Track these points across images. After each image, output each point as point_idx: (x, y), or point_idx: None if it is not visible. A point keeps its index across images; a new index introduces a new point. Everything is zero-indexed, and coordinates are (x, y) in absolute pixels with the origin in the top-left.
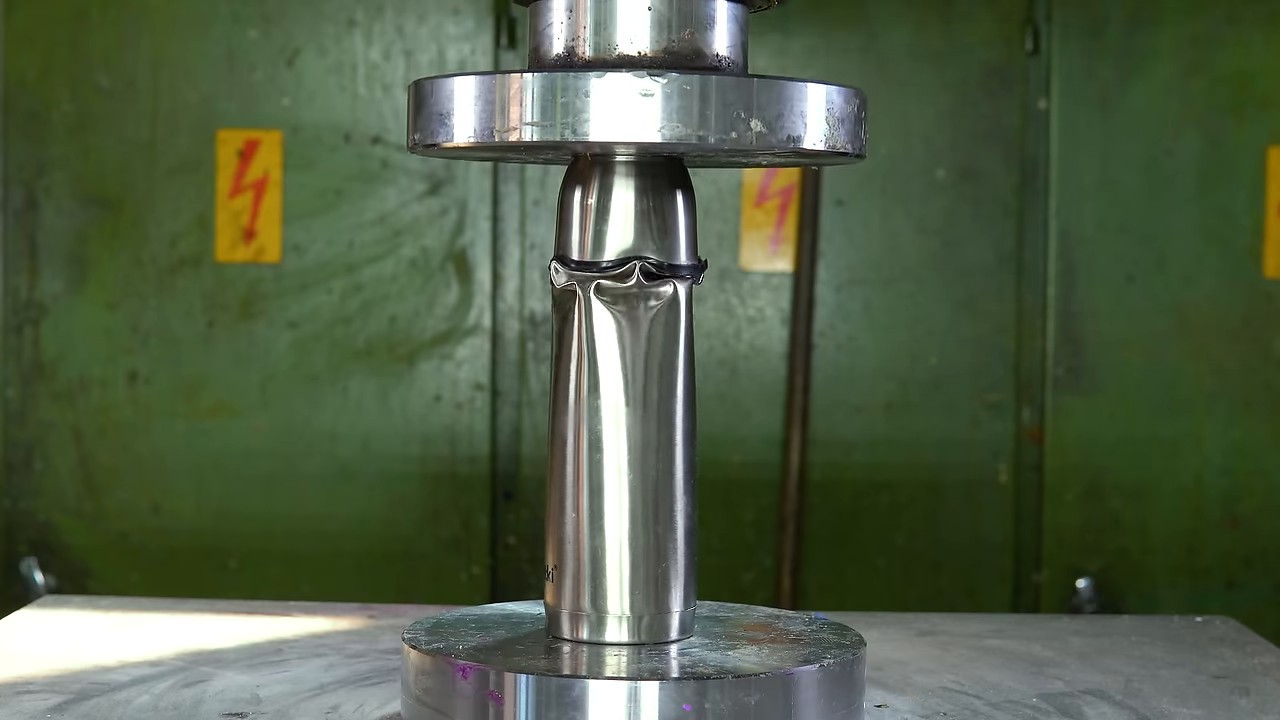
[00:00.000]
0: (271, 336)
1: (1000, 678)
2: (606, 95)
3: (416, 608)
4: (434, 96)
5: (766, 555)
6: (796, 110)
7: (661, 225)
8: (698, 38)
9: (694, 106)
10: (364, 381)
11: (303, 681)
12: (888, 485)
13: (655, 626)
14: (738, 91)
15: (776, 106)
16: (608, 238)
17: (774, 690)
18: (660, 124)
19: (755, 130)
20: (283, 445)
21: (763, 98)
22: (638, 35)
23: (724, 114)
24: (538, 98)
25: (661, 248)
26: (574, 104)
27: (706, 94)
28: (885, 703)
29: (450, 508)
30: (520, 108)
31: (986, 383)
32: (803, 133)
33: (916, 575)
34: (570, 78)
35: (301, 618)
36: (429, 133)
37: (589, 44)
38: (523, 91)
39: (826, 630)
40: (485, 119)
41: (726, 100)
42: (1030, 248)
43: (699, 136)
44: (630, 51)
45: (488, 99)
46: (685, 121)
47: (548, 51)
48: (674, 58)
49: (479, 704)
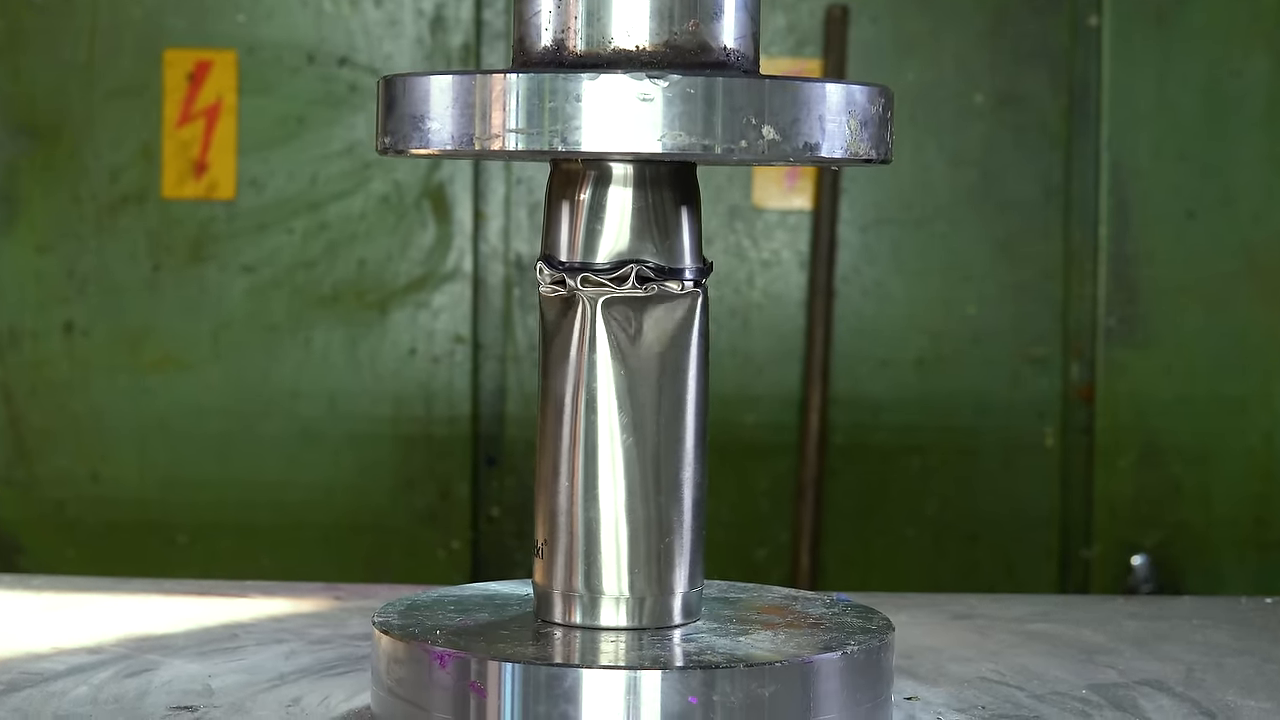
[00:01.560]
0: (225, 282)
1: (1045, 667)
2: (600, 100)
3: (388, 588)
4: (406, 97)
5: (782, 528)
6: (814, 115)
7: (662, 224)
8: (703, 29)
9: (698, 112)
10: (329, 332)
11: (260, 671)
12: (918, 449)
13: (657, 609)
14: (748, 95)
15: (792, 111)
16: (601, 238)
17: (791, 681)
18: (660, 133)
19: (768, 138)
20: (238, 404)
21: (776, 101)
22: (636, 27)
23: (732, 120)
24: (523, 102)
25: (662, 249)
26: (563, 109)
27: (712, 98)
28: (916, 694)
29: (426, 475)
30: (503, 112)
31: (1030, 334)
32: (820, 139)
33: (951, 551)
34: (560, 79)
35: (259, 599)
36: (401, 137)
37: (581, 36)
38: (506, 94)
39: (850, 613)
40: (463, 124)
41: (735, 105)
42: (1079, 181)
43: (704, 146)
44: (627, 46)
45: (466, 102)
46: (689, 129)
47: (534, 43)
48: (676, 53)
49: (459, 696)
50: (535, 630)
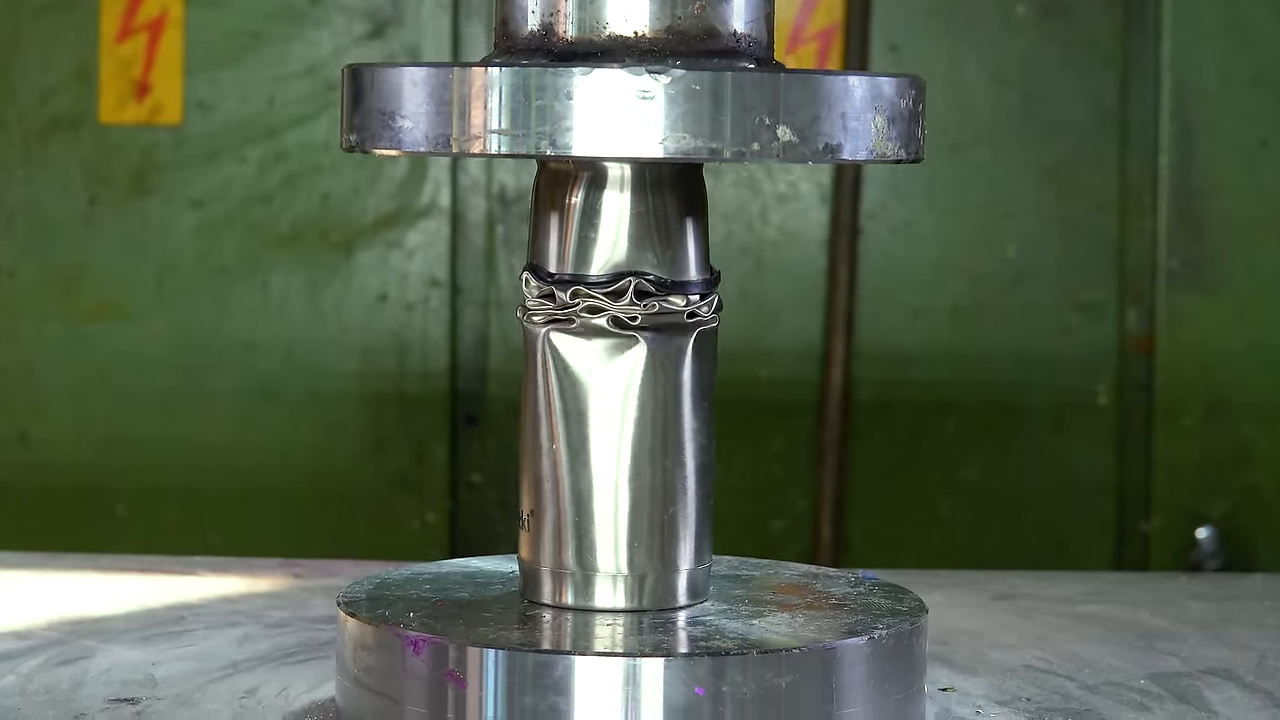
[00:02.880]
0: (170, 218)
1: (1099, 654)
2: (594, 98)
3: (355, 564)
4: (375, 91)
5: (801, 497)
6: (835, 112)
7: (664, 231)
8: (710, 12)
9: (704, 111)
10: (288, 275)
11: (210, 658)
12: (954, 408)
13: (659, 589)
14: (761, 91)
15: (810, 109)
16: (595, 246)
17: (810, 669)
18: (662, 134)
19: (783, 140)
20: (185, 356)
21: (793, 98)
22: (634, 10)
23: (743, 120)
24: (507, 99)
25: (664, 260)
26: (553, 108)
27: (720, 95)
28: (952, 685)
29: (398, 436)
30: (485, 111)
31: (1081, 278)
32: (843, 140)
33: (991, 523)
34: (548, 74)
35: (208, 577)
36: (369, 135)
37: (572, 20)
38: (488, 90)
39: (877, 593)
40: (439, 123)
41: (746, 103)
42: (1136, 104)
43: (710, 149)
44: (625, 31)
45: (443, 98)
46: (694, 130)
47: (519, 27)
48: (680, 39)
49: (435, 687)
50: (521, 612)
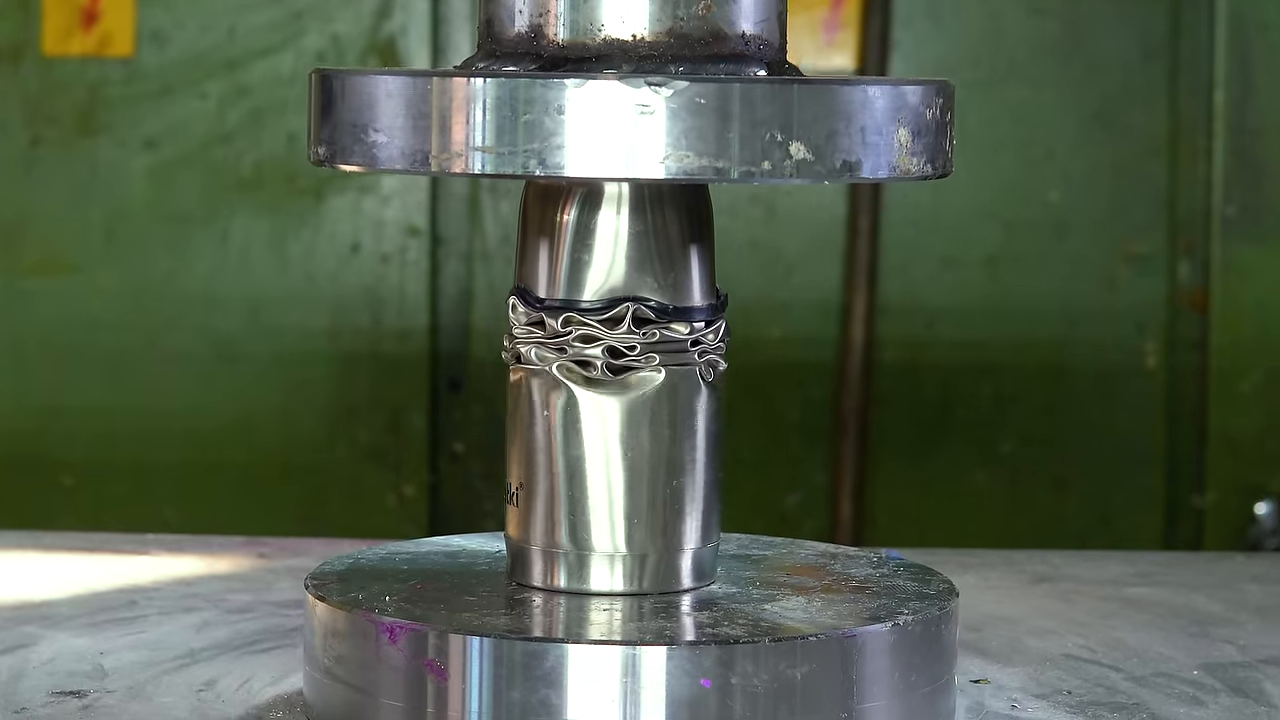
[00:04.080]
0: (121, 161)
1: (1147, 641)
2: (588, 112)
3: (325, 542)
4: (345, 101)
5: (818, 470)
6: (854, 126)
7: (665, 252)
8: (717, 11)
9: (710, 127)
10: (251, 224)
11: (165, 647)
12: (989, 370)
13: (661, 570)
14: (772, 104)
15: (826, 123)
16: (590, 269)
17: (829, 658)
18: (663, 153)
19: (796, 158)
20: (137, 314)
21: (807, 111)
22: (632, 10)
23: (752, 137)
24: (491, 113)
25: (665, 284)
26: (542, 124)
27: (728, 109)
28: (985, 676)
29: (373, 402)
30: (467, 126)
31: (1128, 227)
32: (862, 156)
33: (1030, 497)
34: (537, 86)
35: (163, 556)
36: (339, 150)
37: (564, 22)
38: (470, 103)
39: (902, 574)
40: (417, 138)
41: (756, 117)
42: (1189, 37)
43: (716, 169)
44: (622, 35)
45: (421, 111)
46: (698, 148)
47: (504, 29)
48: (683, 43)
49: (413, 678)
50: (509, 596)
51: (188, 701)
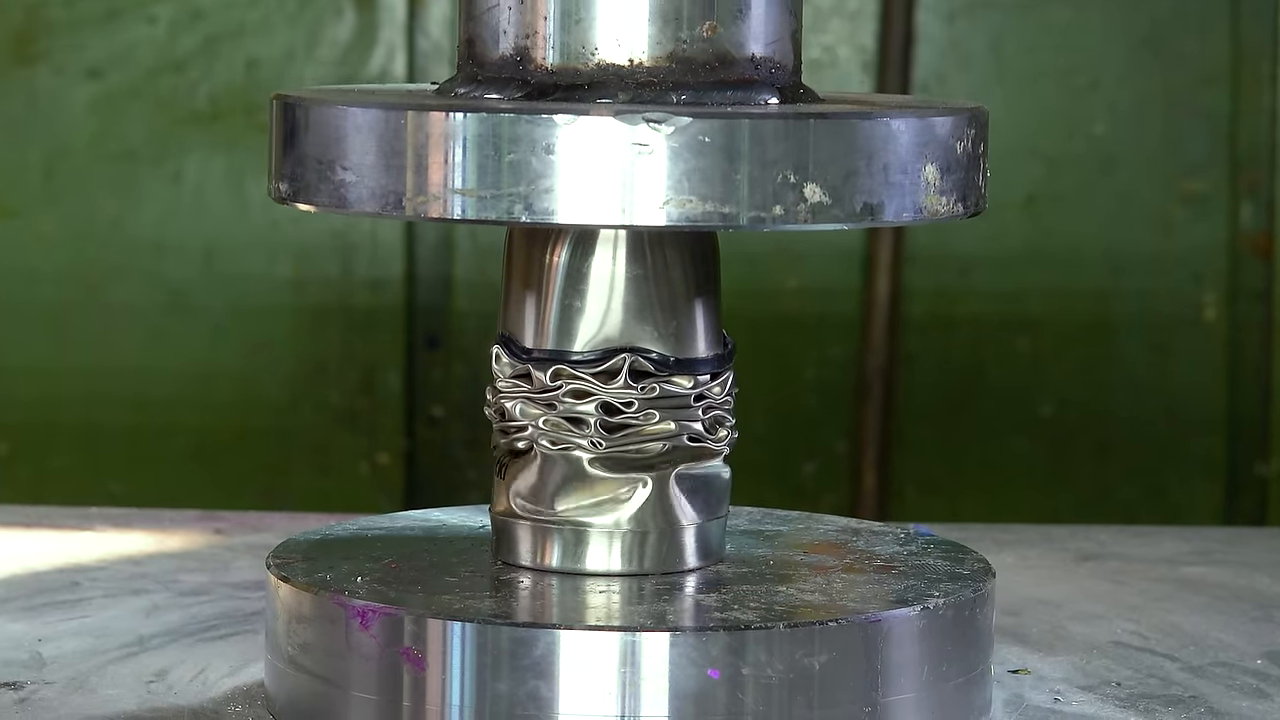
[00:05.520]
0: (61, 92)
1: (1205, 627)
2: (580, 152)
3: (289, 517)
4: (310, 133)
5: (838, 435)
6: (876, 165)
7: (666, 298)
8: (723, 34)
9: (716, 168)
10: (207, 161)
11: (110, 633)
12: (1027, 325)
13: (664, 547)
14: (785, 142)
15: (845, 161)
16: (582, 317)
17: (850, 646)
18: (665, 197)
19: (811, 201)
20: (79, 263)
21: (824, 149)
22: (629, 33)
23: (763, 177)
24: (473, 152)
25: (666, 333)
26: (528, 164)
27: (735, 147)
28: (1025, 666)
29: (343, 360)
30: (445, 166)
31: (1183, 163)
32: (884, 198)
33: (1074, 466)
34: (523, 122)
35: (109, 533)
36: (303, 187)
37: (553, 44)
38: (448, 140)
39: (933, 552)
40: (389, 178)
41: (766, 157)
42: None
43: (723, 215)
44: (618, 60)
45: (394, 147)
46: (703, 191)
47: (487, 51)
48: (685, 68)
49: (387, 669)
50: (494, 577)
51: (135, 694)
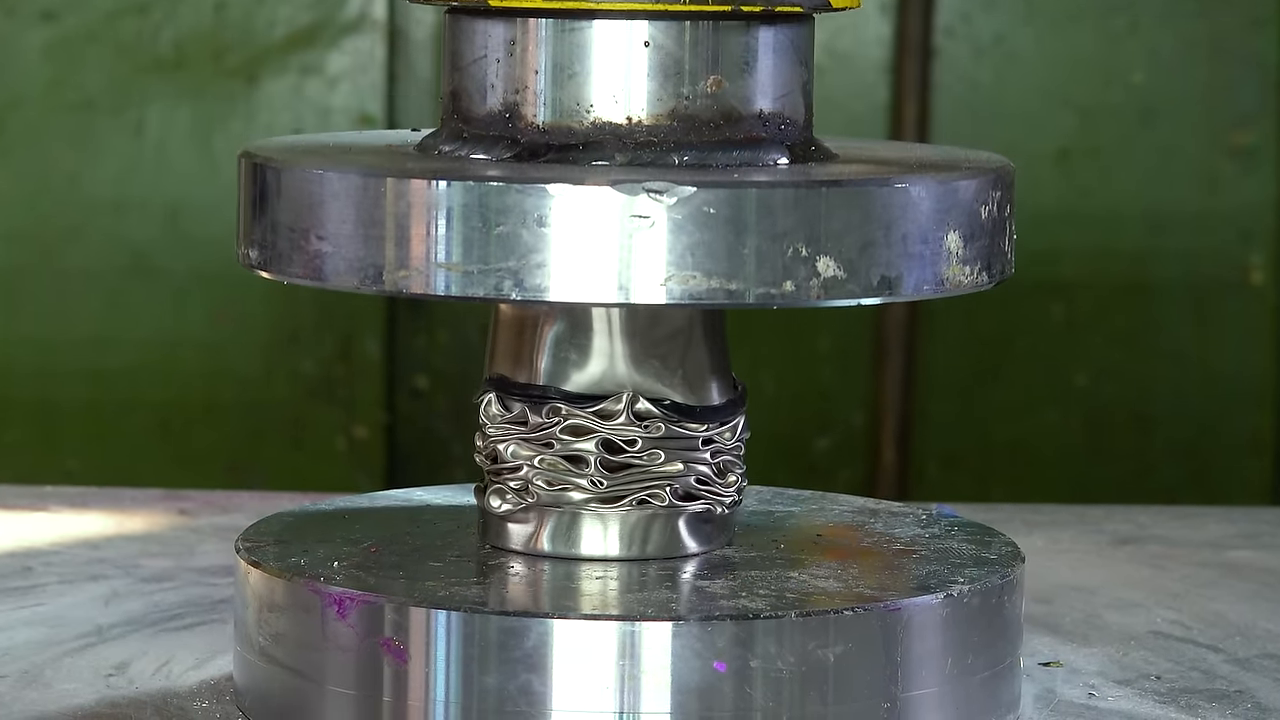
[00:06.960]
0: (12, 36)
1: (1252, 616)
2: (574, 225)
3: (259, 496)
4: (283, 199)
5: (855, 408)
6: (894, 235)
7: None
8: (729, 89)
9: (721, 242)
10: (171, 112)
11: (66, 623)
12: (1060, 289)
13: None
14: (795, 212)
15: (862, 231)
16: (584, 356)
17: (867, 636)
18: (666, 273)
19: (825, 275)
20: (32, 222)
21: (838, 220)
22: (628, 89)
23: (772, 251)
24: (458, 224)
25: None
26: (518, 238)
27: (742, 219)
28: (1057, 658)
29: (318, 326)
30: (428, 238)
31: (1229, 114)
32: (903, 270)
33: (1111, 442)
34: (513, 192)
35: (64, 514)
36: (275, 255)
37: (544, 100)
38: (431, 210)
39: (957, 535)
40: (368, 250)
41: (776, 229)
42: None
43: (729, 291)
44: (614, 118)
45: (374, 218)
46: (707, 267)
47: (473, 105)
48: (688, 126)
49: (366, 661)
50: (482, 562)
51: (94, 688)
